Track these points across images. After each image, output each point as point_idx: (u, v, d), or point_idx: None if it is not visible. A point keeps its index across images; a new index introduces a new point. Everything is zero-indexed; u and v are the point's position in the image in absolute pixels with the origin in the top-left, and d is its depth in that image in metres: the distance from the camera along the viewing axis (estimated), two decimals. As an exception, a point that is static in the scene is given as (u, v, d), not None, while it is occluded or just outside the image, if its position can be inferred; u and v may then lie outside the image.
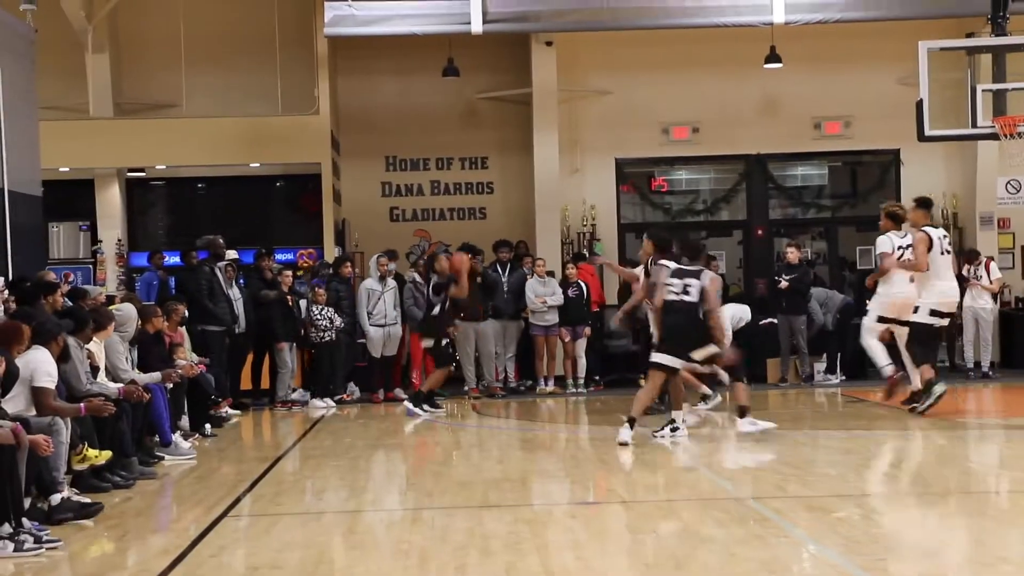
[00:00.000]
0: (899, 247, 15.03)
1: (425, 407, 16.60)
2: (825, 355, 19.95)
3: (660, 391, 13.73)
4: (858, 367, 19.49)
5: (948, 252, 15.04)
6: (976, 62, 17.50)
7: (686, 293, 13.22)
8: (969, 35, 18.84)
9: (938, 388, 14.68)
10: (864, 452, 13.03)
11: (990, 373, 19.97)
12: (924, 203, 15.41)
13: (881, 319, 15.28)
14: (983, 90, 17.18)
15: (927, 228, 14.96)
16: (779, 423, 14.07)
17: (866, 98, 21.98)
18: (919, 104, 17.21)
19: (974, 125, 17.30)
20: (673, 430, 13.45)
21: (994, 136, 17.56)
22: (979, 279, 19.87)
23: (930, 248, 14.74)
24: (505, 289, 19.26)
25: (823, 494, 10.16)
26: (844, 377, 19.73)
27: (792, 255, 19.63)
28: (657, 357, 13.28)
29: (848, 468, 11.81)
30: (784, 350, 19.84)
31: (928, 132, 17.36)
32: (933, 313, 14.89)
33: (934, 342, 16.32)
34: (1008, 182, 21.21)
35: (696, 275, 13.31)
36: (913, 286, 14.99)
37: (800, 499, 9.92)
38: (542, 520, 9.62)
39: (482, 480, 11.45)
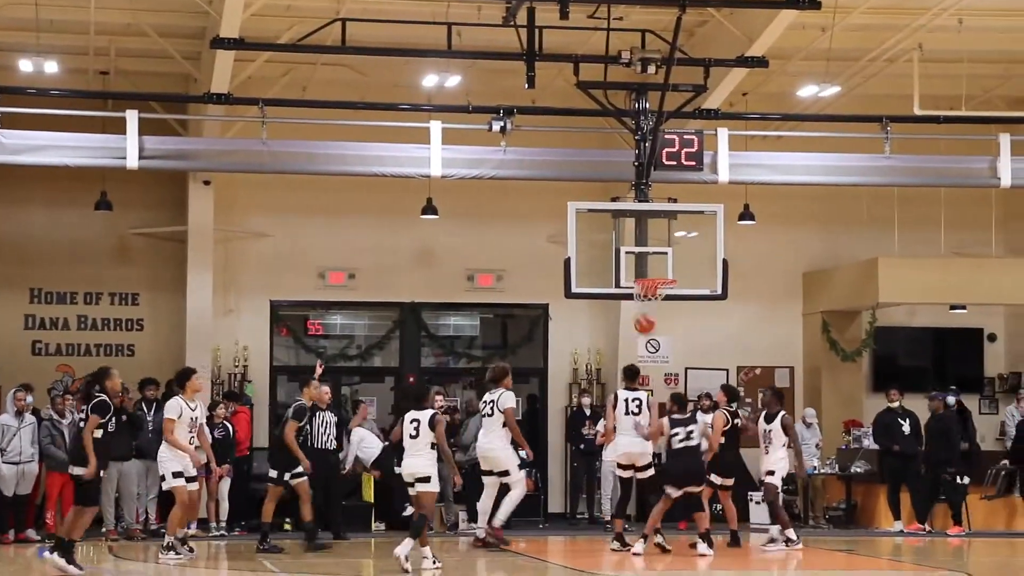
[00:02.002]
0: None
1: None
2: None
3: None
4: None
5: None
6: (621, 225, 18.12)
7: None
8: (615, 199, 19.57)
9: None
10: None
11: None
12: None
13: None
14: (626, 252, 17.78)
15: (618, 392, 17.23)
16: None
17: (518, 253, 22.67)
18: (567, 262, 17.68)
19: (617, 285, 17.83)
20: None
21: (633, 296, 18.31)
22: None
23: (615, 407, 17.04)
24: (150, 428, 18.76)
25: None
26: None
27: (440, 403, 19.89)
28: None
29: None
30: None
31: (575, 289, 17.83)
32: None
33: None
34: (648, 341, 22.08)
35: None
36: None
37: None
38: None
39: None
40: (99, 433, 14.03)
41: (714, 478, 17.38)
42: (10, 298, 22.06)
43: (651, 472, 17.12)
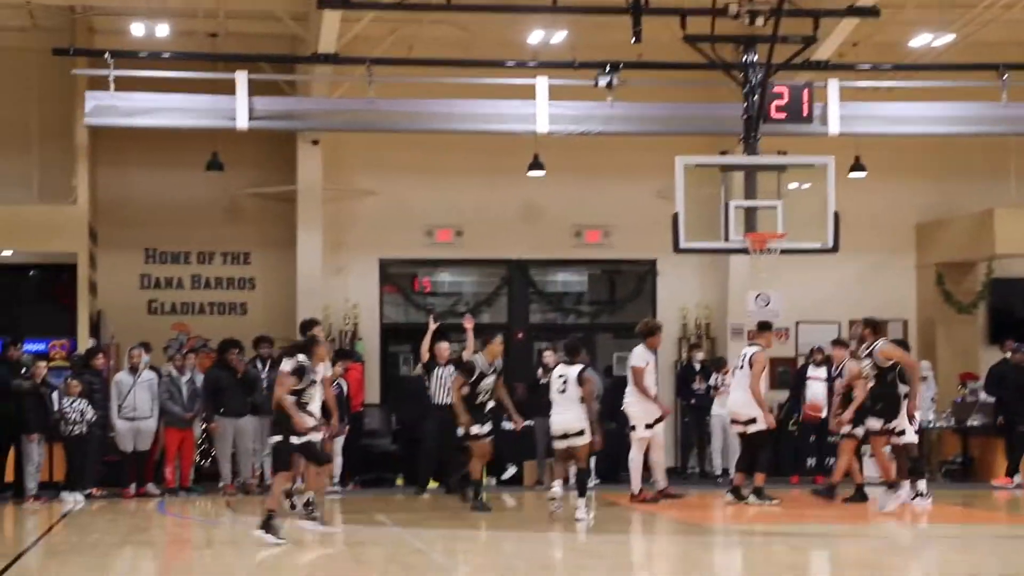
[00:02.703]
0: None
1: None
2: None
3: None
4: (612, 470, 19.74)
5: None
6: (729, 179, 18.09)
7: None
8: (723, 153, 19.49)
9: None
10: (616, 556, 13.12)
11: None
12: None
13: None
14: (735, 206, 17.77)
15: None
16: (537, 525, 14.15)
17: (625, 208, 22.55)
18: (675, 217, 17.71)
19: (726, 239, 17.84)
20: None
21: (745, 251, 18.17)
22: (728, 387, 20.37)
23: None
24: (264, 385, 19.00)
25: None
26: (599, 480, 19.96)
27: (550, 358, 19.90)
28: None
29: (599, 572, 11.70)
30: (540, 452, 20.00)
31: (683, 244, 17.87)
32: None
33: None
34: (757, 296, 21.90)
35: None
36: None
37: None
38: None
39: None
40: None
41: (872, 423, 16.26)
42: (126, 259, 22.40)
43: (758, 427, 16.77)
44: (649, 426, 16.54)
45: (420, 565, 11.77)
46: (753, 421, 16.75)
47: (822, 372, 20.10)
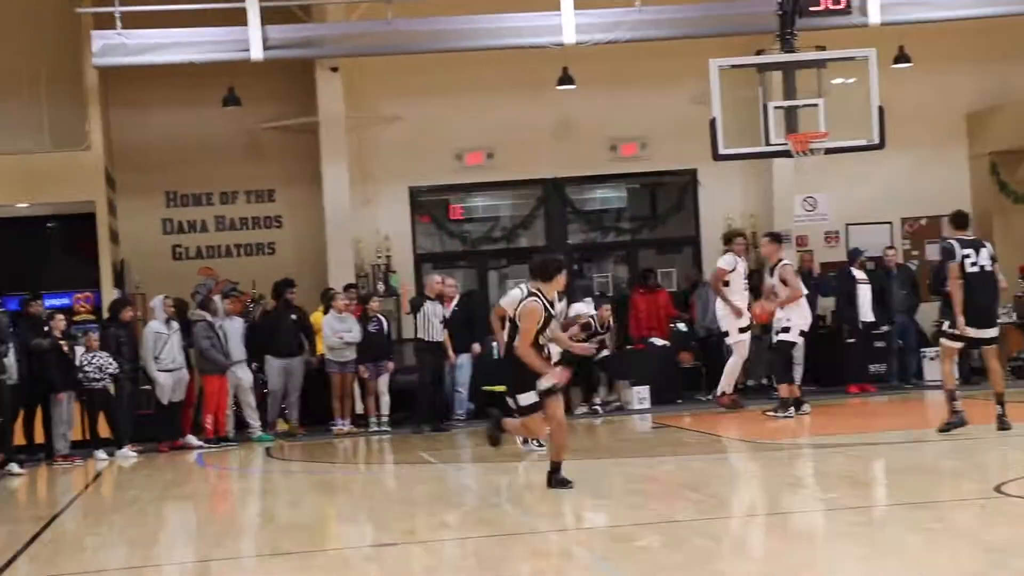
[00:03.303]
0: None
1: None
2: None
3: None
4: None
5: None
6: (767, 79, 17.76)
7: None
8: (759, 52, 18.78)
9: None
10: (669, 479, 12.55)
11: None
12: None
13: None
14: (775, 107, 17.41)
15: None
16: (586, 451, 13.73)
17: (661, 118, 21.76)
18: (712, 123, 17.39)
19: (767, 143, 17.61)
20: None
21: (787, 153, 17.83)
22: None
23: None
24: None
25: (627, 523, 9.75)
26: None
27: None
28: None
29: (651, 496, 11.45)
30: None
31: (722, 151, 17.60)
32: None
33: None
34: (805, 199, 21.19)
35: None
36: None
37: (603, 530, 9.64)
38: (335, 566, 9.05)
39: (274, 527, 10.97)
40: None
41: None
42: (146, 204, 21.82)
43: (785, 336, 16.83)
44: (742, 330, 15.92)
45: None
46: (786, 331, 16.80)
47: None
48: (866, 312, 19.84)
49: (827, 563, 8.20)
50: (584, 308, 16.75)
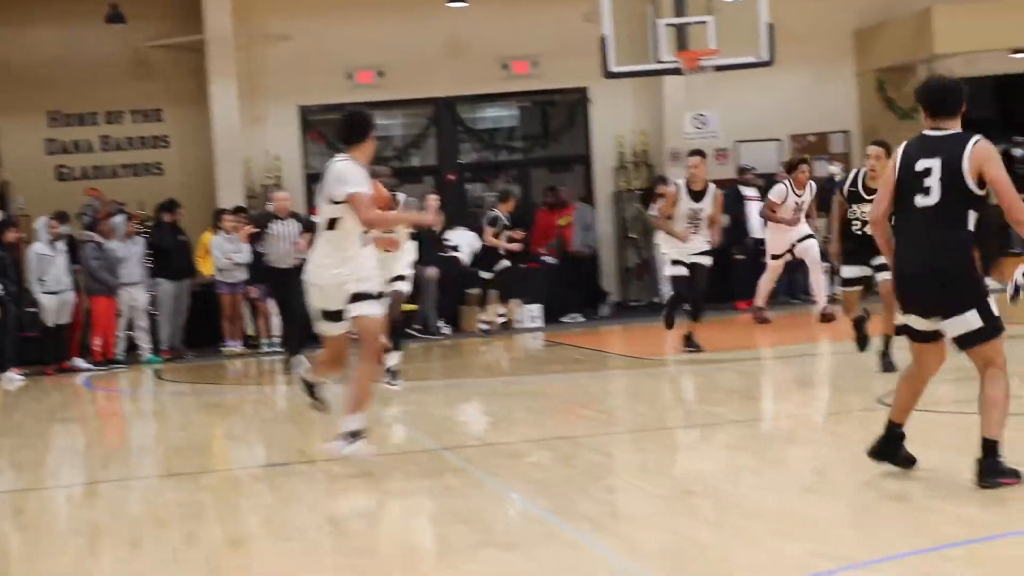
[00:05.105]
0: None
1: None
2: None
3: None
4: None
5: None
6: None
7: None
8: (650, -33, 18.61)
9: None
10: (561, 396, 12.62)
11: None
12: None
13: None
14: (665, 24, 17.14)
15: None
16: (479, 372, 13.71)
17: (553, 35, 21.55)
18: (603, 40, 17.11)
19: (657, 60, 17.33)
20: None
21: (677, 71, 17.68)
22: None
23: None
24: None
25: (518, 440, 9.88)
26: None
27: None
28: None
29: (544, 413, 11.46)
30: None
31: (612, 69, 17.34)
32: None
33: None
34: (695, 116, 21.22)
35: None
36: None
37: (494, 446, 9.71)
38: (225, 486, 9.03)
39: (163, 448, 10.90)
40: None
41: None
42: (28, 124, 21.19)
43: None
44: (775, 256, 15.24)
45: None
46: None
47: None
48: (755, 229, 20.01)
49: (718, 476, 8.30)
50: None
